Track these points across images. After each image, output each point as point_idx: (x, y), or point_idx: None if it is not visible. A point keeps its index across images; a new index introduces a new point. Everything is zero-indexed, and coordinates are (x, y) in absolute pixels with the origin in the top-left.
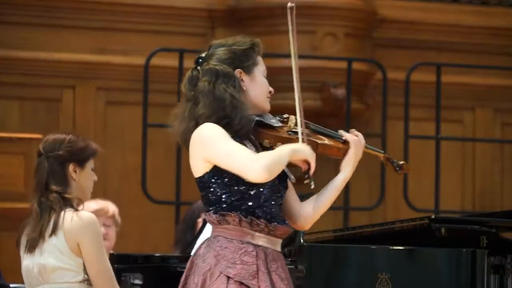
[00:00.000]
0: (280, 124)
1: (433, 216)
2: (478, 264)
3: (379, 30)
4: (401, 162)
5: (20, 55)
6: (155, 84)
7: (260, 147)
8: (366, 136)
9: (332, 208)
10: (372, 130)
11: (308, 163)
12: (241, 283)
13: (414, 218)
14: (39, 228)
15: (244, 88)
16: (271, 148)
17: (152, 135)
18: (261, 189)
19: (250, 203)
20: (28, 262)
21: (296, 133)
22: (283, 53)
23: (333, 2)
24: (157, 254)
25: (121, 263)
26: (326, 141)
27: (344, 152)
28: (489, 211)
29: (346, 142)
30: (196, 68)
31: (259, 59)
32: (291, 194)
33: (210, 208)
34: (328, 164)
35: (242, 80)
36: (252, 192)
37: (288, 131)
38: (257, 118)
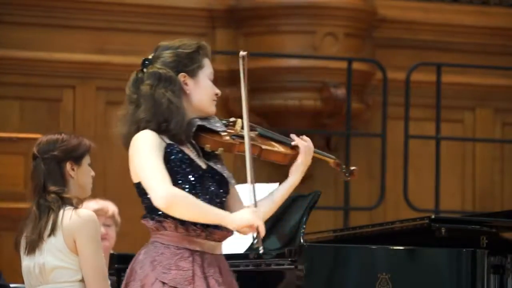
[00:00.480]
0: (223, 128)
1: (433, 216)
2: (478, 264)
3: (379, 30)
4: (352, 168)
5: (20, 55)
6: None
7: (201, 152)
8: (366, 136)
9: (332, 208)
10: (372, 130)
11: (257, 227)
12: None
13: (414, 218)
14: (38, 230)
15: (188, 92)
16: (212, 152)
17: None
18: (199, 197)
19: None
20: (29, 262)
21: (240, 137)
22: (283, 53)
23: (333, 2)
24: None
25: (121, 263)
26: (275, 146)
27: (291, 158)
28: (489, 211)
29: (294, 147)
30: (142, 70)
31: (206, 61)
32: (234, 200)
33: (147, 214)
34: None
35: (186, 84)
36: None
37: (232, 135)
38: (199, 123)
